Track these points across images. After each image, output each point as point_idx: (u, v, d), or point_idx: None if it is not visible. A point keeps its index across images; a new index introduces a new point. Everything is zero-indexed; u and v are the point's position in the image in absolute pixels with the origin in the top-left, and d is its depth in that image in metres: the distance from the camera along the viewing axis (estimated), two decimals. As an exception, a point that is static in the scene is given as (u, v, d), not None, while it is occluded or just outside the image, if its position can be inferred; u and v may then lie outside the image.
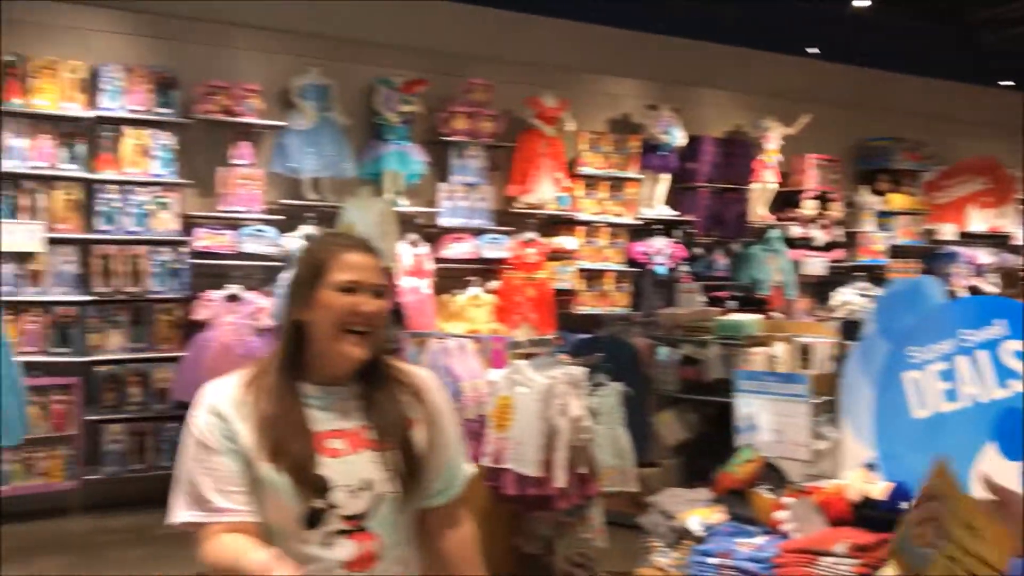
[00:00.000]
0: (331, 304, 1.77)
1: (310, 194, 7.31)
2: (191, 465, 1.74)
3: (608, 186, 8.75)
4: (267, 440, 1.72)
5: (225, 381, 1.82)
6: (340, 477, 1.73)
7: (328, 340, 1.77)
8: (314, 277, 1.79)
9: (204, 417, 1.76)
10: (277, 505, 1.72)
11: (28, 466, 6.24)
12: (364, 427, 1.81)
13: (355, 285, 1.78)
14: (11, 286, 6.28)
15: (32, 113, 6.35)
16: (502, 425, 4.24)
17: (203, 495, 1.71)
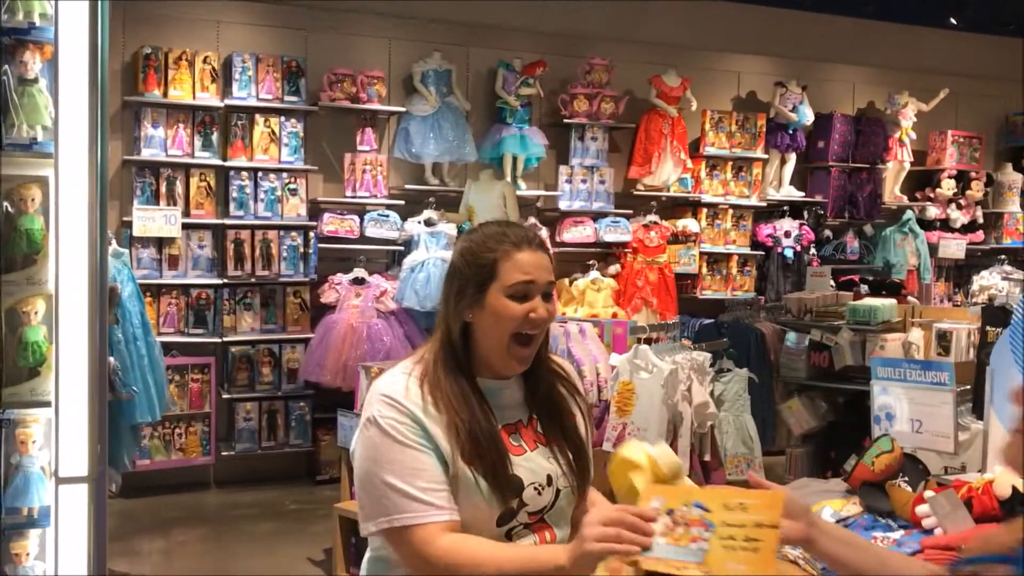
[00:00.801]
0: (502, 311, 1.69)
1: (431, 179, 7.39)
2: (392, 467, 1.64)
3: (732, 167, 8.52)
4: (462, 443, 1.65)
5: (398, 377, 1.73)
6: (528, 476, 1.71)
7: (496, 344, 1.71)
8: (484, 278, 1.70)
9: (394, 416, 1.67)
10: (473, 504, 1.66)
11: (167, 442, 6.54)
12: (533, 420, 1.78)
13: (528, 289, 1.71)
14: (150, 270, 6.58)
15: (169, 103, 6.61)
16: (624, 410, 4.18)
17: (414, 495, 1.62)
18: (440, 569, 1.61)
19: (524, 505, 1.69)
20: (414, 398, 1.69)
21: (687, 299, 8.19)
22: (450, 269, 1.77)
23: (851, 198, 9.10)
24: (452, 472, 1.66)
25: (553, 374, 1.84)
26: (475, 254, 1.73)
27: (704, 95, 8.37)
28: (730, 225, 8.49)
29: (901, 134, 9.20)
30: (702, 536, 1.43)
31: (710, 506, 1.45)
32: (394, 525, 1.64)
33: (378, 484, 1.65)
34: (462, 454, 1.65)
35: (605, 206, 7.90)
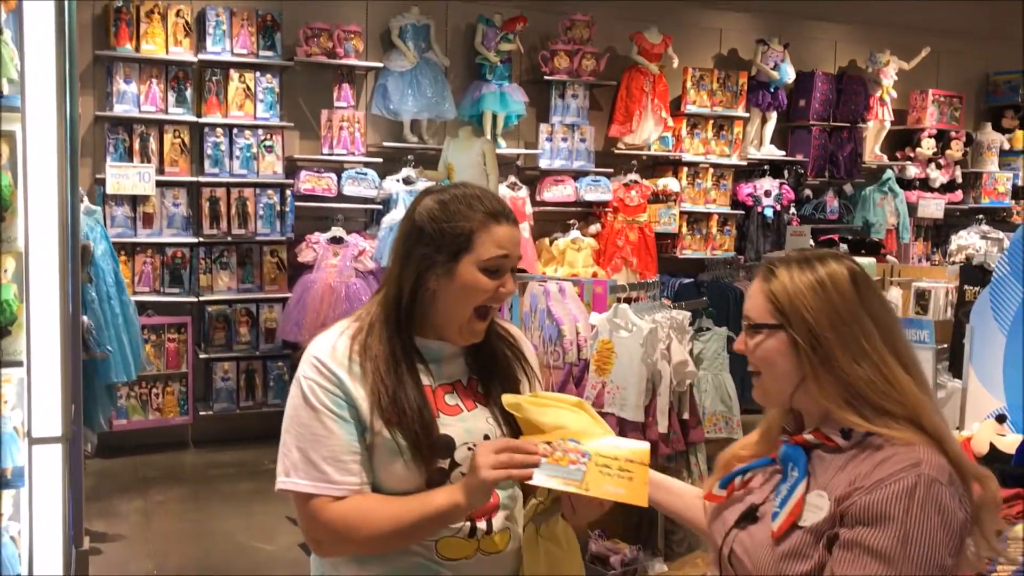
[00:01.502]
0: (474, 284, 1.65)
1: (410, 137, 7.30)
2: (301, 430, 1.64)
3: (713, 125, 8.48)
4: (383, 407, 1.63)
5: (331, 337, 1.70)
6: (462, 435, 1.67)
7: (456, 315, 1.67)
8: (458, 248, 1.65)
9: (315, 378, 1.66)
10: (396, 469, 1.64)
11: (144, 402, 6.50)
12: (473, 380, 1.75)
13: (502, 263, 1.67)
14: (124, 228, 6.48)
15: (141, 58, 6.47)
16: (603, 369, 4.17)
17: (315, 463, 1.62)
18: (333, 536, 1.63)
19: (457, 465, 1.66)
20: (340, 357, 1.67)
21: (667, 259, 8.18)
22: (412, 229, 1.69)
23: (831, 157, 9.08)
24: (370, 438, 1.64)
25: (499, 338, 1.80)
26: (449, 220, 1.66)
27: (686, 52, 8.30)
28: (710, 184, 8.46)
29: (882, 93, 9.18)
30: (580, 461, 1.56)
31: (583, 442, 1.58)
32: (288, 488, 1.65)
33: (287, 442, 1.66)
34: (383, 419, 1.63)
35: (586, 165, 7.84)
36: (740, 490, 1.59)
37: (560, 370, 4.38)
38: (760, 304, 1.53)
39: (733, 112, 8.48)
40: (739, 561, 1.51)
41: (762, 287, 1.54)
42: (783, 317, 1.50)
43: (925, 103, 9.52)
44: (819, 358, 1.47)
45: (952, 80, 9.78)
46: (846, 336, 1.45)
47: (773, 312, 1.51)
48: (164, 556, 4.65)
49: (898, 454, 1.41)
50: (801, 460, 1.48)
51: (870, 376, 1.45)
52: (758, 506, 1.53)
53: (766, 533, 1.47)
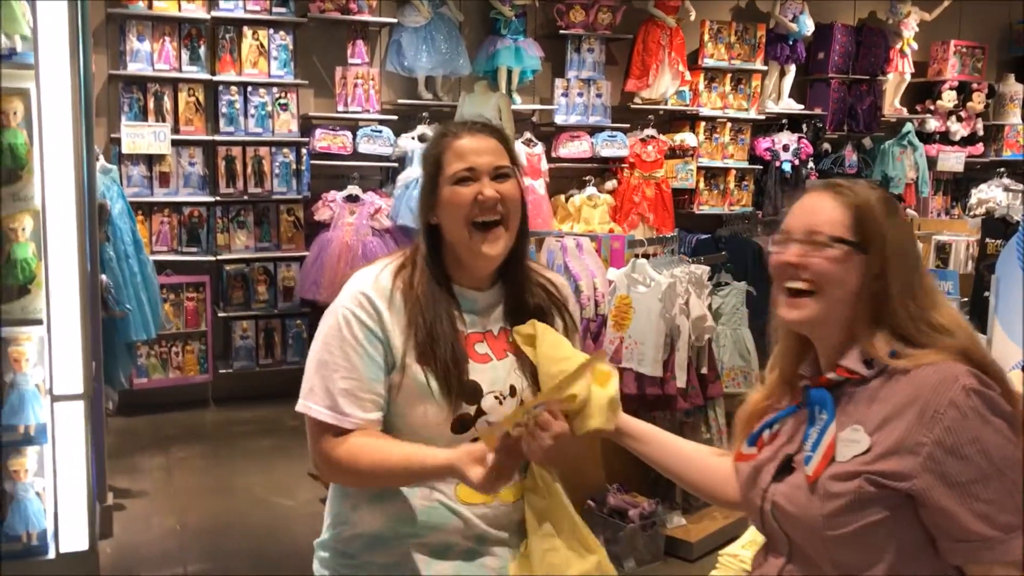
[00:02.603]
0: (452, 198, 1.67)
1: (425, 93, 7.24)
2: (327, 358, 1.66)
3: (731, 79, 8.37)
4: (418, 342, 1.64)
5: (375, 270, 1.71)
6: (489, 384, 1.69)
7: (460, 238, 1.68)
8: (434, 174, 1.70)
9: (354, 310, 1.66)
10: (424, 407, 1.65)
11: (164, 360, 6.54)
12: (506, 331, 1.75)
13: (471, 173, 1.67)
14: (141, 187, 6.48)
15: (154, 16, 6.42)
16: (621, 324, 4.16)
17: (333, 393, 1.64)
18: (333, 465, 1.67)
19: (483, 414, 1.67)
20: (383, 288, 1.68)
21: (684, 214, 8.13)
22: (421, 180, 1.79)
23: (850, 111, 8.96)
24: (400, 376, 1.65)
25: (539, 287, 1.80)
26: (425, 155, 1.75)
27: (703, 5, 8.17)
28: (728, 139, 8.37)
29: (902, 45, 9.02)
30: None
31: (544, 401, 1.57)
32: (303, 411, 1.68)
33: (311, 367, 1.69)
34: (417, 353, 1.64)
35: (602, 120, 7.77)
36: (769, 444, 1.56)
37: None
38: (836, 217, 1.42)
39: (751, 65, 8.36)
40: (783, 513, 1.48)
41: (836, 200, 1.43)
42: (861, 234, 1.41)
43: (947, 54, 9.35)
44: (879, 285, 1.41)
45: (974, 31, 9.59)
46: (906, 267, 1.41)
47: (851, 227, 1.41)
48: (186, 511, 4.71)
49: (928, 375, 1.37)
50: (828, 402, 1.45)
51: (918, 313, 1.41)
52: (792, 456, 1.50)
53: (803, 479, 1.44)
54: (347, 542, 1.75)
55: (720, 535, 4.16)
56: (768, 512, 1.51)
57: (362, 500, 1.73)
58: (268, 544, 4.39)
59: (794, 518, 1.46)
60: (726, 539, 3.83)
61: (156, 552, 4.27)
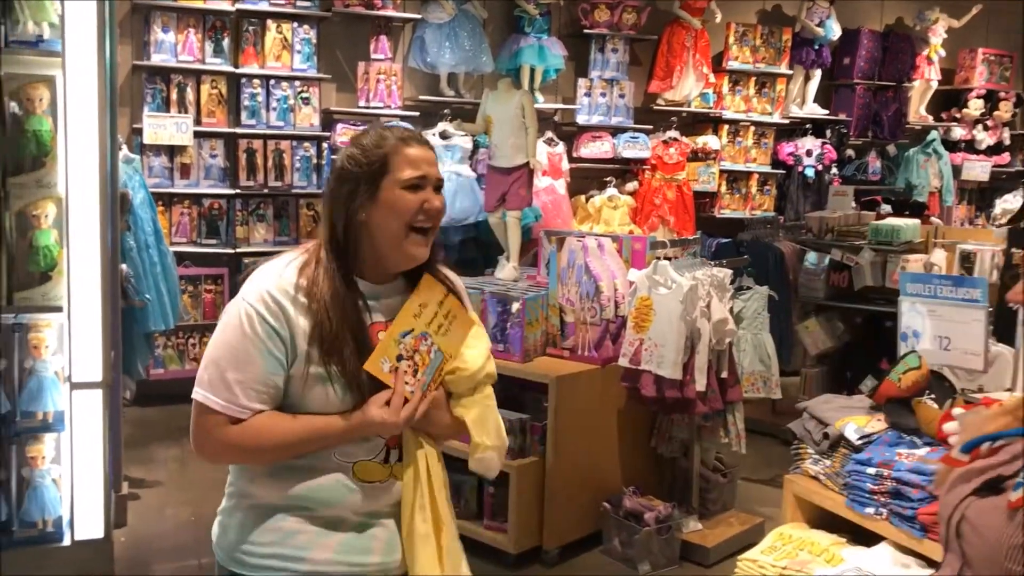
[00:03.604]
0: (398, 202, 1.73)
1: (447, 90, 7.23)
2: (225, 351, 1.70)
3: (756, 82, 8.31)
4: (325, 340, 1.69)
5: (279, 267, 1.75)
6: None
7: (392, 238, 1.74)
8: (376, 173, 1.73)
9: (257, 307, 1.70)
10: (325, 396, 1.72)
11: (181, 352, 6.55)
12: None
13: (421, 181, 1.74)
14: (162, 178, 6.49)
15: (179, 7, 6.43)
16: (641, 326, 4.12)
17: (229, 383, 1.69)
18: (221, 448, 1.73)
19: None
20: (287, 287, 1.72)
21: (705, 218, 8.08)
22: (335, 175, 1.79)
23: (875, 117, 8.90)
24: (303, 367, 1.70)
25: (442, 278, 1.90)
26: (364, 152, 1.76)
27: (729, 7, 8.12)
28: (751, 143, 8.32)
29: (930, 51, 8.95)
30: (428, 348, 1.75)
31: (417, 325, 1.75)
32: (198, 399, 1.73)
33: (209, 355, 1.73)
34: (322, 351, 1.69)
35: (624, 121, 7.73)
36: (986, 457, 1.48)
37: (597, 327, 4.34)
38: None
39: (776, 69, 8.31)
40: (971, 528, 1.42)
41: None
42: None
43: (974, 62, 9.27)
44: None
45: (1003, 39, 9.50)
46: None
47: None
48: (201, 503, 4.71)
49: None
50: None
51: None
52: (1006, 478, 1.43)
53: (1005, 503, 1.38)
54: (246, 512, 1.79)
55: (736, 541, 4.12)
56: (954, 524, 1.46)
57: (261, 475, 1.77)
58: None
59: (980, 539, 1.40)
60: (743, 545, 3.80)
61: (170, 543, 4.27)
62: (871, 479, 2.52)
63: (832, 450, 2.75)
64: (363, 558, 1.78)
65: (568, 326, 4.40)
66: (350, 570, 1.77)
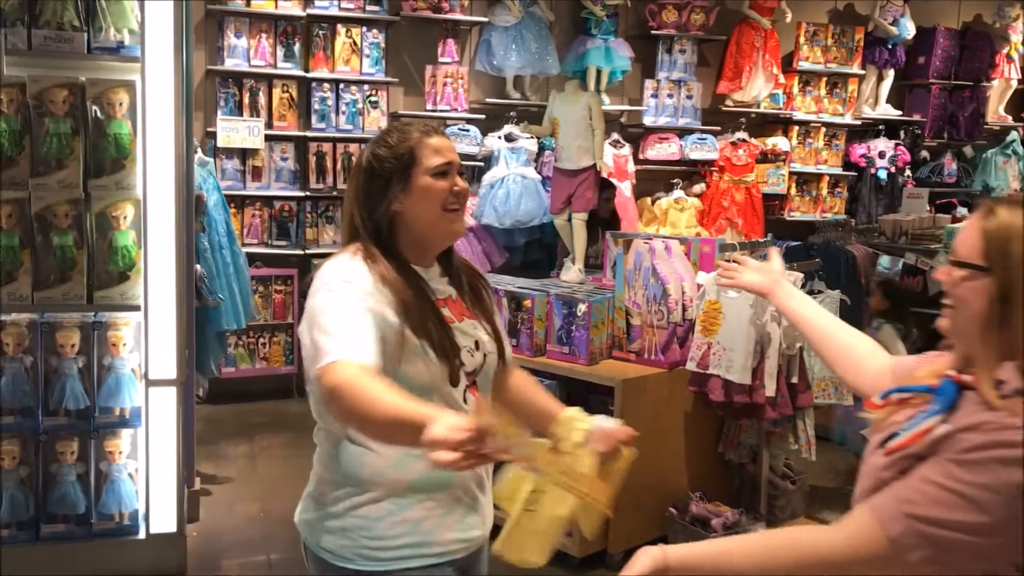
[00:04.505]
0: (431, 188, 1.85)
1: (513, 93, 7.24)
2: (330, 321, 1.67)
3: (827, 83, 8.16)
4: (410, 317, 1.77)
5: (343, 260, 1.80)
6: (461, 339, 1.86)
7: (428, 221, 1.86)
8: (406, 165, 1.85)
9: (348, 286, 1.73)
10: (425, 368, 1.78)
11: (251, 351, 6.67)
12: (458, 297, 1.94)
13: (447, 168, 1.87)
14: (234, 181, 6.62)
15: (251, 13, 6.56)
16: (709, 330, 4.08)
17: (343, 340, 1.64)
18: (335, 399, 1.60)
19: (462, 365, 1.84)
20: (360, 274, 1.79)
21: (773, 220, 7.96)
22: (365, 174, 1.88)
23: (951, 118, 8.67)
24: (398, 343, 1.76)
25: (467, 264, 2.04)
26: (391, 150, 1.87)
27: (799, 6, 7.99)
28: (822, 144, 8.17)
29: (1010, 49, 8.69)
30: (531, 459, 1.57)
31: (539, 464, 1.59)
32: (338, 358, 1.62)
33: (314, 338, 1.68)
34: (411, 327, 1.77)
35: (692, 122, 7.66)
36: (895, 405, 1.55)
37: (664, 330, 4.31)
38: (972, 241, 1.46)
39: (848, 69, 8.14)
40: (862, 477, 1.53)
41: (978, 224, 1.47)
42: (989, 260, 1.43)
43: (1057, 60, 8.97)
44: (1005, 311, 1.42)
45: (1088, 36, 9.17)
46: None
47: (981, 253, 1.44)
48: (270, 499, 4.79)
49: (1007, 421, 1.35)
50: (949, 396, 1.44)
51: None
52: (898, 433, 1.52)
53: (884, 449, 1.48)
54: (367, 509, 1.81)
55: (806, 549, 4.04)
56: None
57: (384, 467, 1.79)
58: (348, 536, 4.43)
59: (861, 484, 1.52)
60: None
61: (240, 538, 4.35)
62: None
63: (908, 458, 2.68)
64: (477, 532, 1.89)
65: (634, 329, 4.37)
66: (467, 545, 1.88)
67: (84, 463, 3.71)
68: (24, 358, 3.62)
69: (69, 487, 3.68)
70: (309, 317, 1.74)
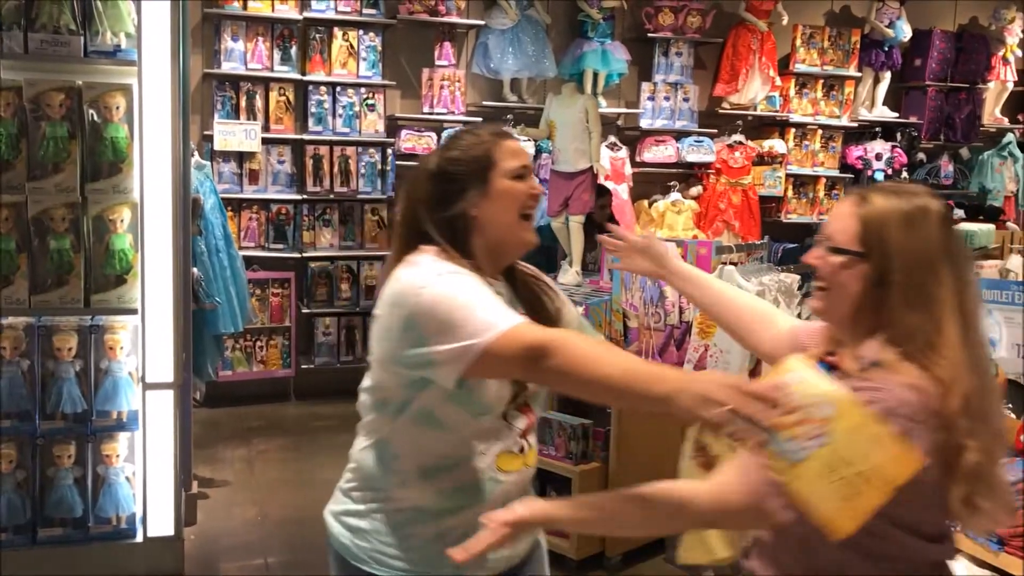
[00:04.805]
0: (510, 191, 1.78)
1: (510, 95, 7.24)
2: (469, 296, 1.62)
3: (823, 85, 8.18)
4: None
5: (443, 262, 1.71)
6: None
7: (505, 227, 1.78)
8: (484, 168, 1.77)
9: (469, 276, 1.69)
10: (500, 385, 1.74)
11: (248, 354, 6.67)
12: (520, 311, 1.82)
13: (524, 171, 1.81)
14: (231, 184, 6.62)
15: (248, 16, 6.56)
16: (706, 332, 4.08)
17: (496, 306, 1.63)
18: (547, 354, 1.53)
19: (525, 390, 1.80)
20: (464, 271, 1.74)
21: (770, 223, 7.97)
22: (434, 180, 1.78)
23: (948, 120, 8.68)
24: None
25: (528, 273, 1.96)
26: (465, 153, 1.79)
27: (796, 9, 8.00)
28: (819, 146, 8.19)
29: (1006, 52, 8.71)
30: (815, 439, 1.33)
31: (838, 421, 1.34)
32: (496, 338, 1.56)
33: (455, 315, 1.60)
34: None
35: (688, 125, 7.67)
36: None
37: (661, 332, 4.31)
38: (848, 227, 1.51)
39: (844, 71, 8.16)
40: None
41: (853, 211, 1.52)
42: (867, 247, 1.49)
43: (1052, 62, 8.99)
44: (880, 293, 1.48)
45: (1083, 38, 9.19)
46: (915, 281, 1.45)
47: (859, 239, 1.50)
48: (267, 502, 4.78)
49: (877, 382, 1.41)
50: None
51: (919, 326, 1.44)
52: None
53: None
54: (391, 515, 1.80)
55: None
56: None
57: (414, 476, 1.77)
58: (346, 539, 4.43)
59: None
60: None
61: (238, 541, 4.34)
62: (946, 490, 2.45)
63: (904, 460, 2.68)
64: (511, 551, 1.81)
65: (631, 331, 4.38)
66: (502, 564, 1.81)
67: (81, 466, 3.71)
68: (21, 362, 3.62)
69: (66, 490, 3.68)
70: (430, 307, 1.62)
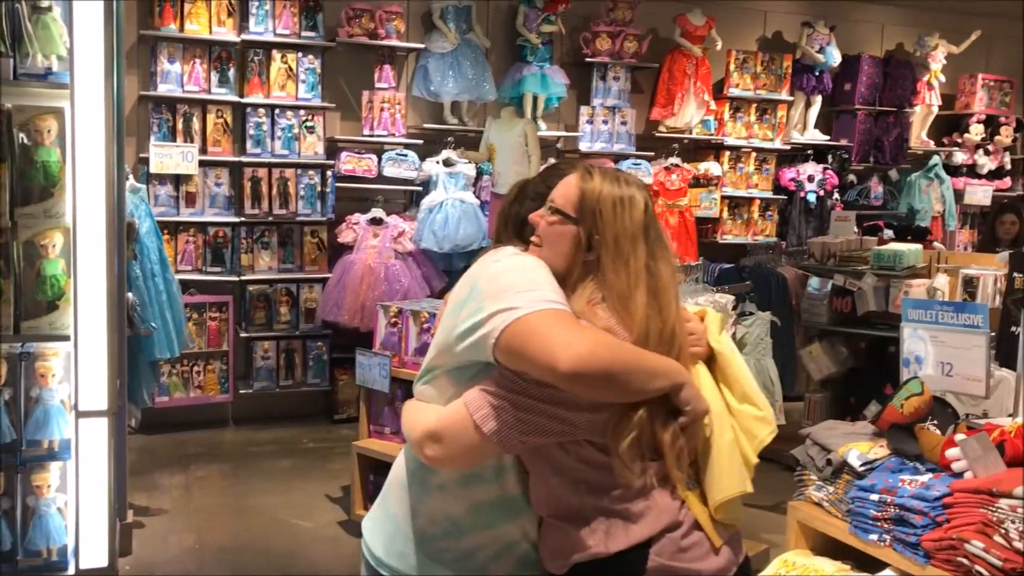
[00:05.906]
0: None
1: (450, 118, 7.28)
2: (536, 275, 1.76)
3: (757, 109, 8.37)
4: None
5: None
6: None
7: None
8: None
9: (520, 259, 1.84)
10: None
11: (186, 379, 6.57)
12: None
13: None
14: (167, 207, 6.54)
15: (185, 38, 6.51)
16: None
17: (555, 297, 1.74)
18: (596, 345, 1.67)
19: None
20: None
21: (707, 244, 8.11)
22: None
23: (877, 142, 8.94)
24: None
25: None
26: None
27: (729, 35, 8.19)
28: (753, 169, 8.36)
29: (930, 77, 9.00)
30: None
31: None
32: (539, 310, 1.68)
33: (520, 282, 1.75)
34: None
35: (626, 148, 7.78)
36: None
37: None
38: (571, 195, 1.83)
39: (777, 96, 8.37)
40: None
41: (578, 183, 1.84)
42: (580, 215, 1.81)
43: (974, 88, 9.32)
44: (591, 256, 1.80)
45: (1003, 64, 9.55)
46: (618, 251, 1.78)
47: (576, 207, 1.81)
48: (205, 530, 4.71)
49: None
50: None
51: (615, 285, 1.76)
52: None
53: None
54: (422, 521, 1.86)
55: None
56: None
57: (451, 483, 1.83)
58: (286, 564, 4.38)
59: None
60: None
61: (175, 571, 4.27)
62: (874, 506, 2.52)
63: (835, 477, 2.75)
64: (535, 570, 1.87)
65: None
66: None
67: (10, 498, 3.60)
68: (-53, 391, 3.52)
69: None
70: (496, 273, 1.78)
